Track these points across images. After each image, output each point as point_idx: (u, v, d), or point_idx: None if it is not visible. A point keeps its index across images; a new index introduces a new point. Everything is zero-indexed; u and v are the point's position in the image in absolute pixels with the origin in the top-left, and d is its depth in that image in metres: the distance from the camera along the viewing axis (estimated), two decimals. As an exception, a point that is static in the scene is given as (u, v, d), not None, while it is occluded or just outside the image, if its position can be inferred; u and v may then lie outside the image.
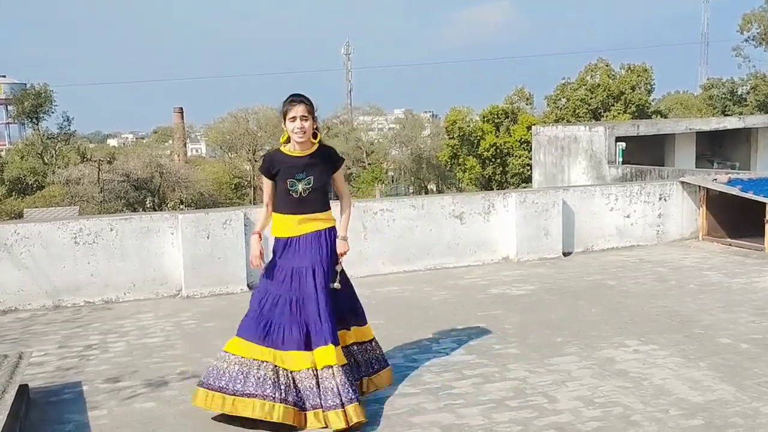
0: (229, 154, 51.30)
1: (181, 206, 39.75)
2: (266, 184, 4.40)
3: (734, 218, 9.62)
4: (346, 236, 4.45)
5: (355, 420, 3.95)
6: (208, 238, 7.24)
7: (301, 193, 4.27)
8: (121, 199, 38.96)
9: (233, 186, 48.33)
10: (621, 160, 15.39)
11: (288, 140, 4.33)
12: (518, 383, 4.63)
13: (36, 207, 33.20)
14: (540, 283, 7.45)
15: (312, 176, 4.28)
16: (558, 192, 8.99)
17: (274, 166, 4.32)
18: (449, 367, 4.96)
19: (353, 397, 4.02)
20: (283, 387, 4.01)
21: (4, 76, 70.42)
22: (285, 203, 4.30)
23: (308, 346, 4.13)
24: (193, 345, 5.63)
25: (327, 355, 4.09)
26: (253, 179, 48.01)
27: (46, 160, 43.71)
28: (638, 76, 42.36)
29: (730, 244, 9.38)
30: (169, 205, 40.48)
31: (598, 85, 42.01)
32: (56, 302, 6.94)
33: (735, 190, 9.24)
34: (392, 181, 58.04)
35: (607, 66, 43.10)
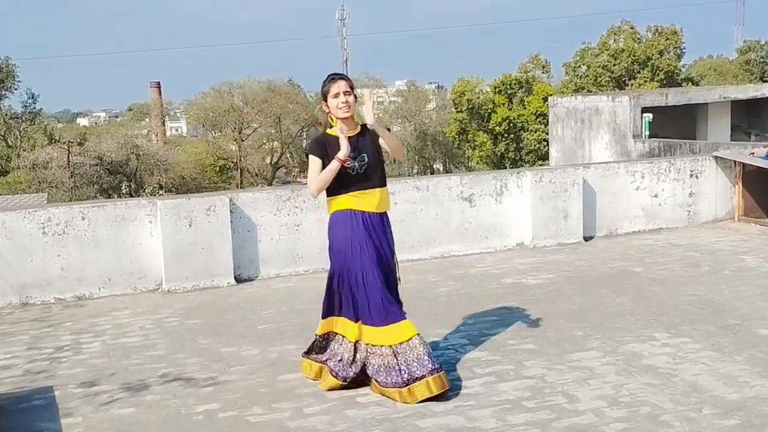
0: (213, 132, 51.23)
1: (161, 191, 39.75)
2: (315, 164, 4.62)
3: (774, 196, 9.61)
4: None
5: (441, 387, 4.42)
6: (190, 226, 7.25)
7: (357, 170, 4.61)
8: (93, 184, 38.97)
9: (218, 168, 48.30)
10: (648, 133, 15.36)
11: (331, 126, 4.68)
12: (535, 382, 4.64)
13: (0, 194, 33.23)
14: (559, 271, 7.46)
15: (365, 153, 4.65)
16: (578, 170, 8.98)
17: (326, 148, 4.62)
18: (459, 365, 4.98)
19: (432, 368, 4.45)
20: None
21: (-39, 50, 70.32)
22: (343, 183, 4.60)
23: (384, 322, 4.53)
24: (176, 344, 5.66)
25: (406, 329, 4.55)
26: (240, 160, 48.00)
27: (9, 143, 43.70)
28: (666, 39, 42.23)
29: (769, 225, 9.38)
30: (146, 191, 40.47)
31: (622, 50, 41.88)
32: (24, 299, 6.97)
33: (774, 165, 9.22)
34: (394, 161, 58.00)
35: (632, 29, 42.96)
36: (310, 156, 4.65)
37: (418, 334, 4.54)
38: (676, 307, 6.12)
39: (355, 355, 4.60)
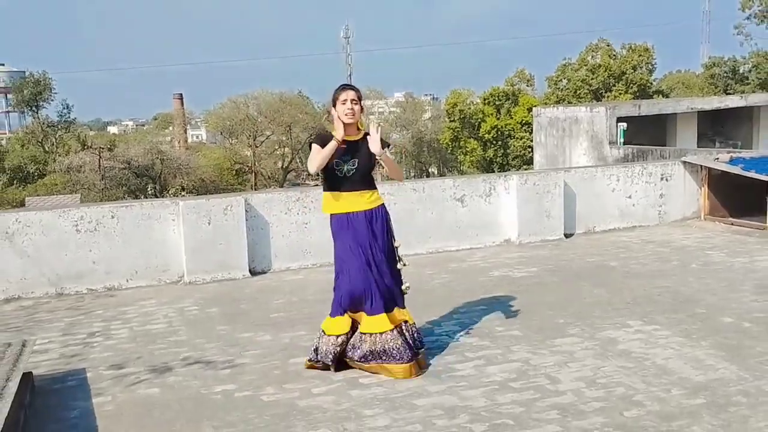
0: (230, 140, 51.17)
1: (183, 193, 39.70)
2: (315, 150, 4.62)
3: (736, 198, 9.59)
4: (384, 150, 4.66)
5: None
6: (209, 224, 7.24)
7: (345, 173, 4.64)
8: (122, 186, 38.95)
9: (234, 172, 48.24)
10: (622, 140, 15.34)
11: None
12: (521, 365, 4.64)
13: (38, 195, 33.20)
14: (542, 265, 7.45)
15: (357, 160, 4.66)
16: (559, 173, 8.97)
17: (326, 143, 4.60)
18: (452, 349, 4.97)
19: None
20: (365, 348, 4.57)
21: (3, 65, 70.30)
22: (333, 181, 4.67)
23: (385, 309, 4.59)
24: (196, 331, 5.65)
25: (404, 313, 4.70)
26: (254, 165, 47.94)
27: (46, 149, 43.66)
28: (639, 55, 42.16)
29: (732, 224, 9.36)
30: (170, 192, 40.44)
31: (599, 65, 41.81)
32: (59, 290, 6.96)
33: (737, 169, 9.21)
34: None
35: (608, 46, 42.86)
36: (313, 145, 4.65)
37: (393, 330, 4.58)
38: (648, 297, 6.10)
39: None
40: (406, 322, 4.71)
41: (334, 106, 4.68)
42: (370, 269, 4.57)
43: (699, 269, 7.06)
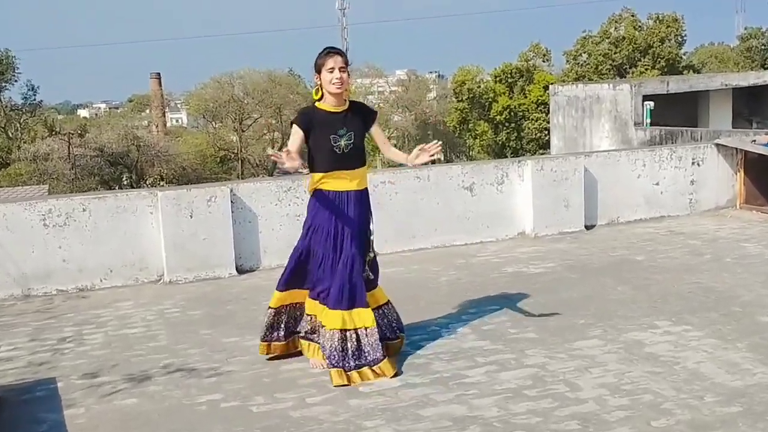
0: (214, 123, 51.17)
1: (161, 182, 39.75)
2: (295, 134, 4.63)
3: (776, 184, 9.59)
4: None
5: (391, 372, 4.62)
6: (191, 217, 7.25)
7: (343, 149, 4.64)
8: (94, 176, 38.95)
9: (219, 159, 48.27)
10: (649, 121, 15.33)
11: (321, 98, 4.68)
12: (537, 370, 4.65)
13: (0, 186, 33.23)
14: (560, 260, 7.46)
15: (352, 132, 4.68)
16: (579, 158, 8.97)
17: (312, 121, 4.64)
18: (460, 354, 4.98)
19: (381, 356, 4.65)
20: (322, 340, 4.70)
21: (-40, 42, 70.15)
22: (328, 160, 4.65)
23: (347, 306, 4.64)
24: (178, 335, 5.66)
25: (365, 316, 4.67)
26: (241, 151, 47.95)
27: (10, 135, 43.64)
28: (668, 27, 42.10)
29: (770, 213, 9.37)
30: (147, 182, 40.47)
31: (623, 38, 41.77)
32: (26, 291, 6.98)
33: (776, 153, 9.20)
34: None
35: (632, 17, 42.83)
36: (293, 126, 4.65)
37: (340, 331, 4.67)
38: (677, 295, 6.12)
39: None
40: (379, 307, 4.87)
41: (319, 72, 4.63)
42: (339, 264, 4.66)
43: (734, 263, 7.07)
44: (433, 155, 4.78)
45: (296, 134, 4.64)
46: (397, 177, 8.08)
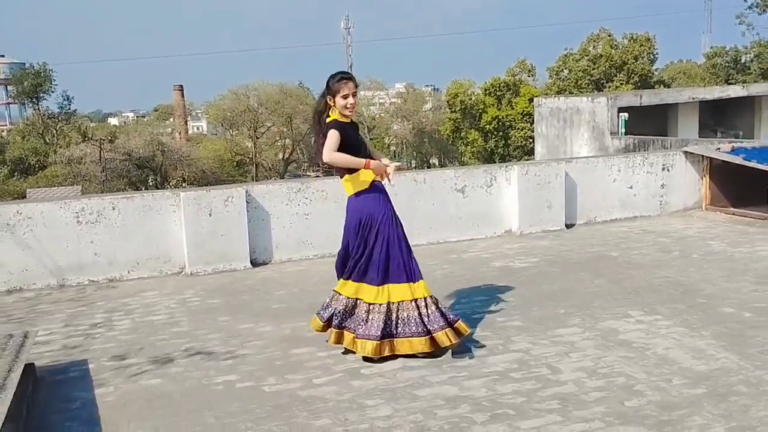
0: (231, 131, 51.15)
1: (184, 184, 39.66)
2: (335, 135, 4.57)
3: (738, 188, 9.59)
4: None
5: (466, 332, 4.67)
6: (210, 215, 7.24)
7: (364, 152, 4.75)
8: (123, 177, 38.92)
9: (235, 163, 48.25)
10: (624, 131, 15.34)
11: (328, 115, 4.70)
12: (522, 355, 4.65)
13: (39, 187, 33.19)
14: (543, 256, 7.45)
15: (362, 144, 4.80)
16: (560, 164, 8.96)
17: (345, 129, 4.65)
18: (453, 340, 4.97)
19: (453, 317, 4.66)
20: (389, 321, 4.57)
21: (3, 56, 70.10)
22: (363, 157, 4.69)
23: (410, 278, 4.63)
24: (198, 322, 5.66)
25: (422, 287, 4.65)
26: (255, 156, 47.91)
27: (47, 140, 43.61)
28: (641, 45, 42.07)
29: (733, 214, 9.36)
30: (171, 183, 40.40)
31: (601, 55, 41.74)
32: (60, 281, 6.97)
33: (738, 159, 9.20)
34: (394, 156, 57.89)
35: (609, 36, 42.77)
36: (332, 130, 4.56)
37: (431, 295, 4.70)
38: (649, 287, 6.11)
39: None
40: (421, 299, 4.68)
41: (333, 96, 4.62)
42: (396, 244, 4.71)
43: (700, 259, 7.06)
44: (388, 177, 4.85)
45: (335, 135, 4.56)
46: (396, 180, 8.04)
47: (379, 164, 4.70)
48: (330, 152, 4.55)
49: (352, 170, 4.72)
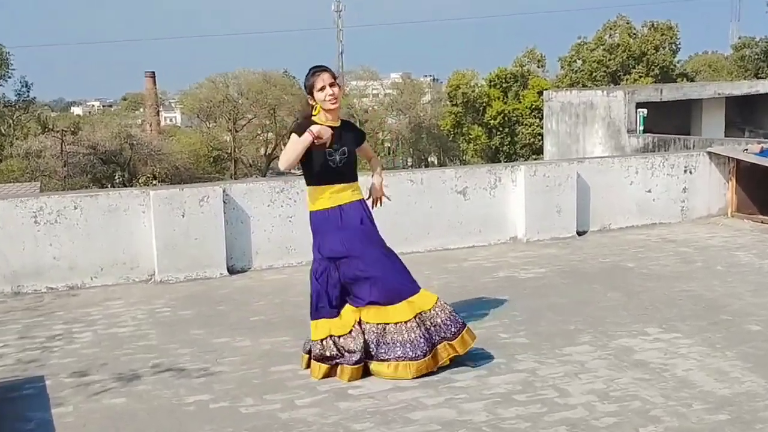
0: (208, 123, 51.13)
1: (154, 181, 39.60)
2: (293, 142, 4.68)
3: (767, 193, 9.63)
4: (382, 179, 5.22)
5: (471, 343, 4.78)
6: (183, 216, 7.23)
7: (337, 163, 4.73)
8: (87, 173, 38.86)
9: (212, 159, 48.25)
10: (642, 128, 15.39)
11: (312, 114, 4.78)
12: (527, 375, 4.65)
13: (-8, 183, 33.09)
14: (551, 266, 7.47)
15: (345, 147, 4.78)
16: (572, 164, 8.99)
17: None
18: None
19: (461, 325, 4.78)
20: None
21: (-46, 37, 69.78)
22: (323, 174, 4.74)
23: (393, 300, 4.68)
24: (168, 335, 5.65)
25: (427, 297, 4.78)
26: (234, 151, 47.91)
27: (2, 131, 43.42)
28: (662, 35, 42.28)
29: (762, 221, 9.40)
30: (140, 181, 40.33)
31: (618, 45, 41.92)
32: (15, 288, 6.94)
33: (768, 162, 9.25)
34: (389, 153, 58.00)
35: (627, 24, 42.99)
36: (293, 135, 4.70)
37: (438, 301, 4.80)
38: (668, 302, 6.13)
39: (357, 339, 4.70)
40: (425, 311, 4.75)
41: (310, 94, 4.74)
42: (372, 265, 4.71)
43: (725, 271, 7.10)
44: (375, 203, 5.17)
45: (293, 141, 4.68)
46: (390, 180, 8.06)
47: (321, 128, 4.63)
48: (282, 157, 4.72)
49: (310, 176, 4.78)
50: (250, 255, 7.63)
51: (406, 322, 4.64)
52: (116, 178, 40.91)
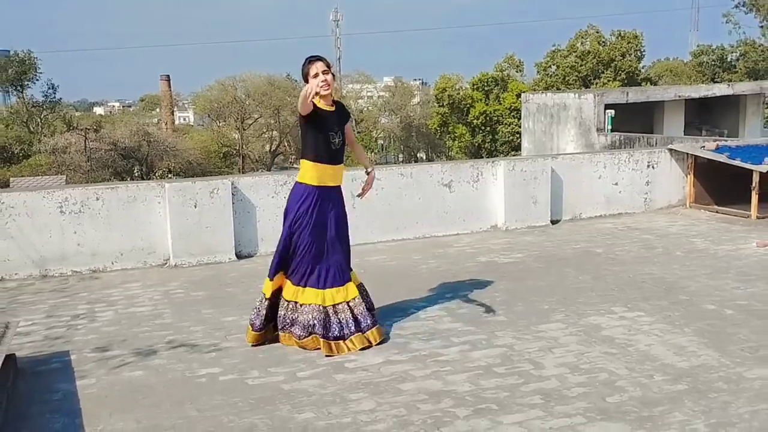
0: (218, 122, 50.85)
1: (169, 175, 39.43)
2: (305, 89, 4.54)
3: (721, 186, 9.66)
4: (372, 169, 5.18)
5: (378, 339, 4.77)
6: (195, 207, 7.20)
7: (337, 145, 4.74)
8: (108, 168, 38.60)
9: (222, 155, 47.97)
10: (610, 127, 15.39)
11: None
12: (505, 350, 4.66)
13: (22, 176, 32.89)
14: (528, 251, 7.47)
15: (340, 130, 4.79)
16: (546, 160, 8.99)
17: (316, 112, 4.65)
18: (437, 334, 4.99)
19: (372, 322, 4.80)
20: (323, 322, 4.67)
21: (-13, 44, 69.18)
22: (325, 153, 4.71)
23: (332, 284, 4.73)
24: (181, 314, 5.64)
25: (351, 289, 4.79)
26: (242, 148, 47.71)
27: (31, 129, 43.22)
28: (628, 42, 42.19)
29: (716, 212, 9.43)
30: (156, 174, 40.14)
31: (589, 52, 41.82)
32: (43, 272, 6.92)
33: (722, 158, 9.27)
34: (382, 149, 57.88)
35: (597, 33, 42.86)
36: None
37: (354, 298, 4.79)
38: (632, 284, 6.15)
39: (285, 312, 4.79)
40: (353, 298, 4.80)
41: (306, 81, 4.71)
42: (327, 248, 4.74)
43: (683, 256, 7.12)
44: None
45: (305, 89, 4.55)
46: (383, 174, 8.06)
47: (311, 84, 4.57)
48: (299, 103, 4.55)
49: (310, 152, 4.72)
50: (256, 242, 7.61)
51: (317, 305, 4.68)
52: (135, 172, 40.67)
